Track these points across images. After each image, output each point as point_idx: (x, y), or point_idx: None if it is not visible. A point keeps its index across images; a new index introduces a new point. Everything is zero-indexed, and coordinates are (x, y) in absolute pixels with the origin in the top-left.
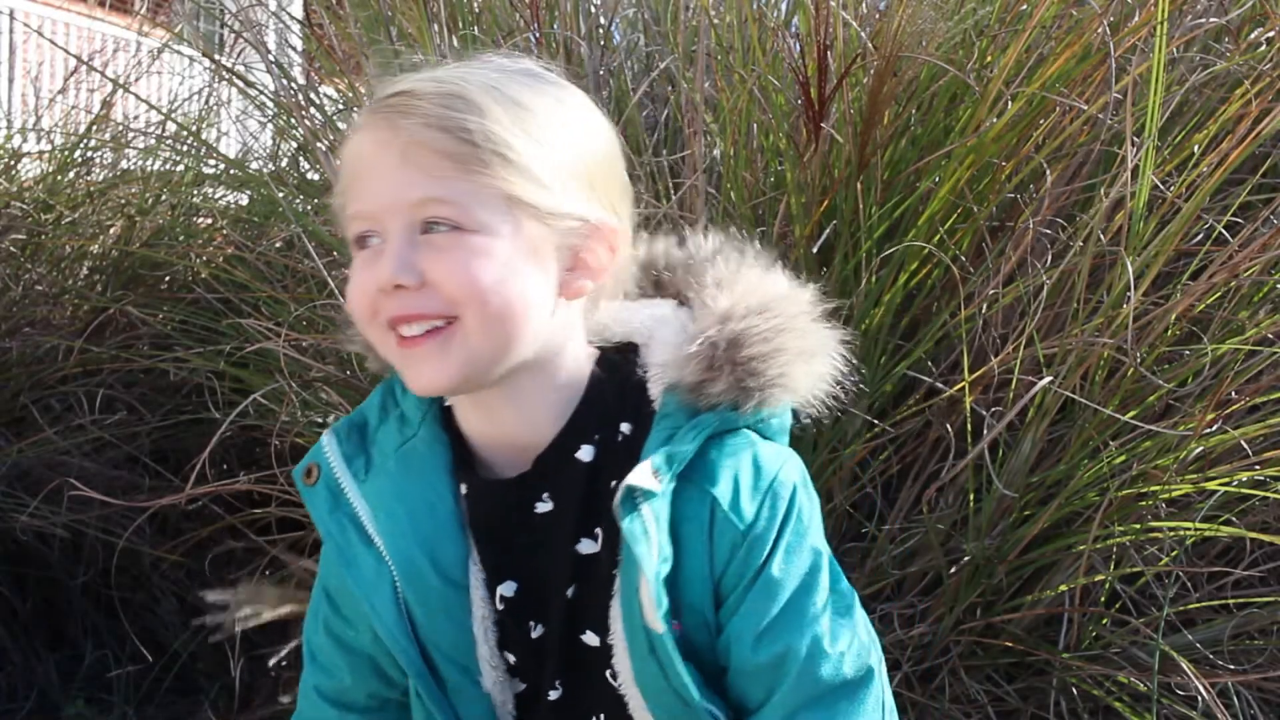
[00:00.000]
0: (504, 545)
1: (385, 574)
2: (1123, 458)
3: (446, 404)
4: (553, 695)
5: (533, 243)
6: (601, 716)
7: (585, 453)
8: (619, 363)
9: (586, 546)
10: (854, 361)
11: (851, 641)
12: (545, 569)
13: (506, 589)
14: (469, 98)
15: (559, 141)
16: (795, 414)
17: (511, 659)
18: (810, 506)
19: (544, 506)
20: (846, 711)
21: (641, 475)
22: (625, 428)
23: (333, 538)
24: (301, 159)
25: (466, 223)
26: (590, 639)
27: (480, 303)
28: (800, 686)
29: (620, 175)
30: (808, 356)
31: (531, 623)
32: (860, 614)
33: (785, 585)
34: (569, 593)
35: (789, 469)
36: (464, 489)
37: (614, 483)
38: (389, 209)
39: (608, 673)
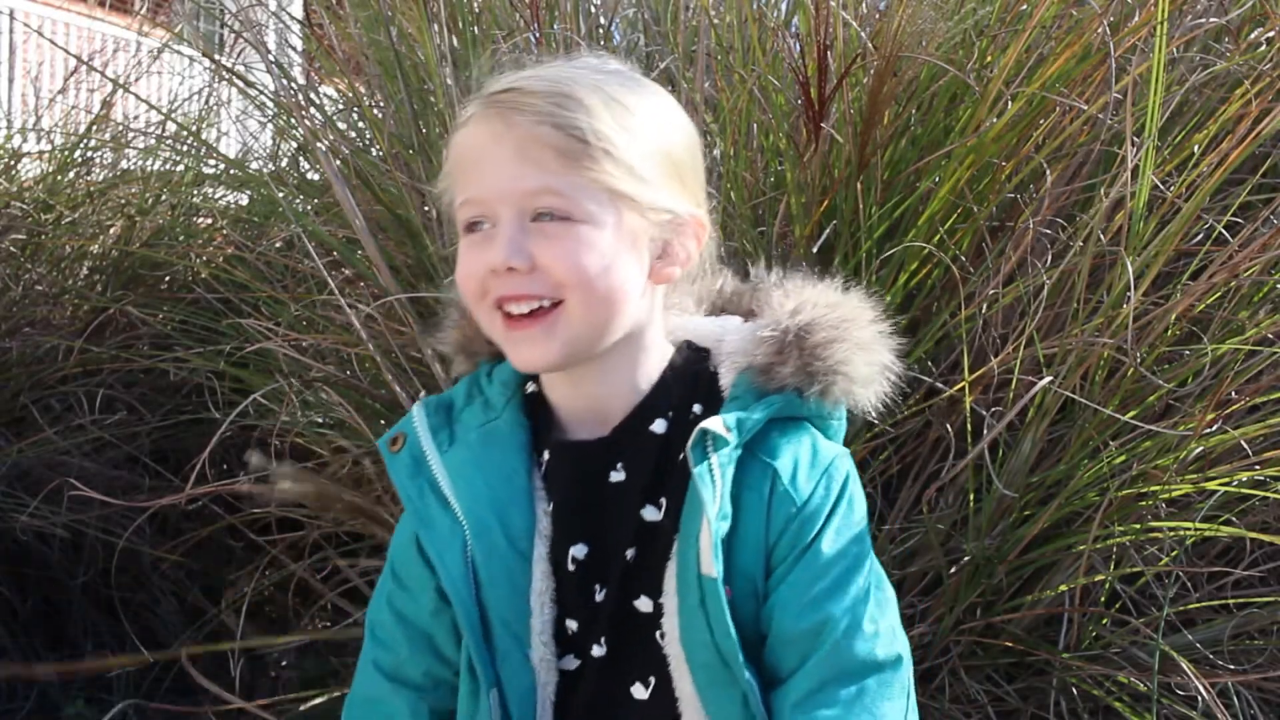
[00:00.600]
0: (578, 507)
1: (458, 533)
2: (1123, 458)
3: (529, 391)
4: (597, 651)
5: (632, 233)
6: (651, 680)
7: (659, 425)
8: (693, 356)
9: (650, 513)
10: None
11: (887, 627)
12: (612, 532)
13: (579, 550)
14: (578, 97)
15: (655, 139)
16: (850, 415)
17: (573, 626)
18: (860, 498)
19: (617, 476)
20: (874, 691)
21: (715, 423)
22: (697, 408)
23: (411, 501)
24: (301, 159)
25: (575, 213)
26: (643, 604)
27: (586, 288)
28: (833, 658)
29: (701, 170)
30: (867, 348)
31: (596, 586)
32: (896, 609)
33: (833, 561)
34: (628, 555)
35: (844, 460)
36: (546, 455)
37: (683, 455)
38: (503, 197)
39: (657, 633)
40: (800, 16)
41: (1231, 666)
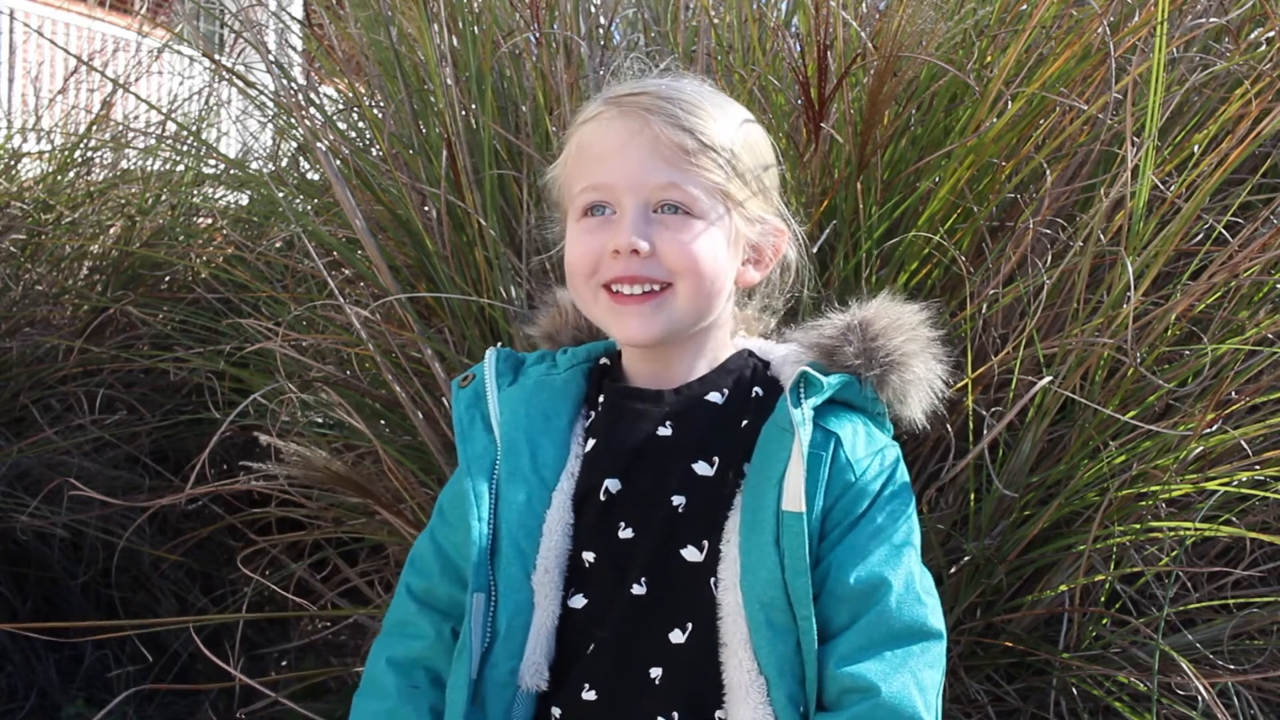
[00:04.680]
0: (621, 446)
1: (491, 450)
2: (1123, 458)
3: (601, 364)
4: (637, 590)
5: (735, 234)
6: (689, 625)
7: (715, 396)
8: (753, 360)
9: (702, 469)
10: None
11: (934, 601)
12: (653, 477)
13: (613, 484)
14: (705, 108)
15: (759, 154)
16: (897, 424)
17: (590, 558)
18: (908, 484)
19: (665, 432)
20: (918, 655)
21: (814, 372)
22: (758, 390)
23: (460, 423)
24: (301, 159)
25: (693, 208)
26: (691, 554)
27: (695, 276)
28: (884, 619)
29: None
30: (923, 341)
31: (622, 523)
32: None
33: (888, 531)
34: (675, 502)
35: (894, 448)
36: (602, 398)
37: (744, 422)
38: (632, 187)
39: (711, 580)
40: (800, 16)
41: (1231, 666)
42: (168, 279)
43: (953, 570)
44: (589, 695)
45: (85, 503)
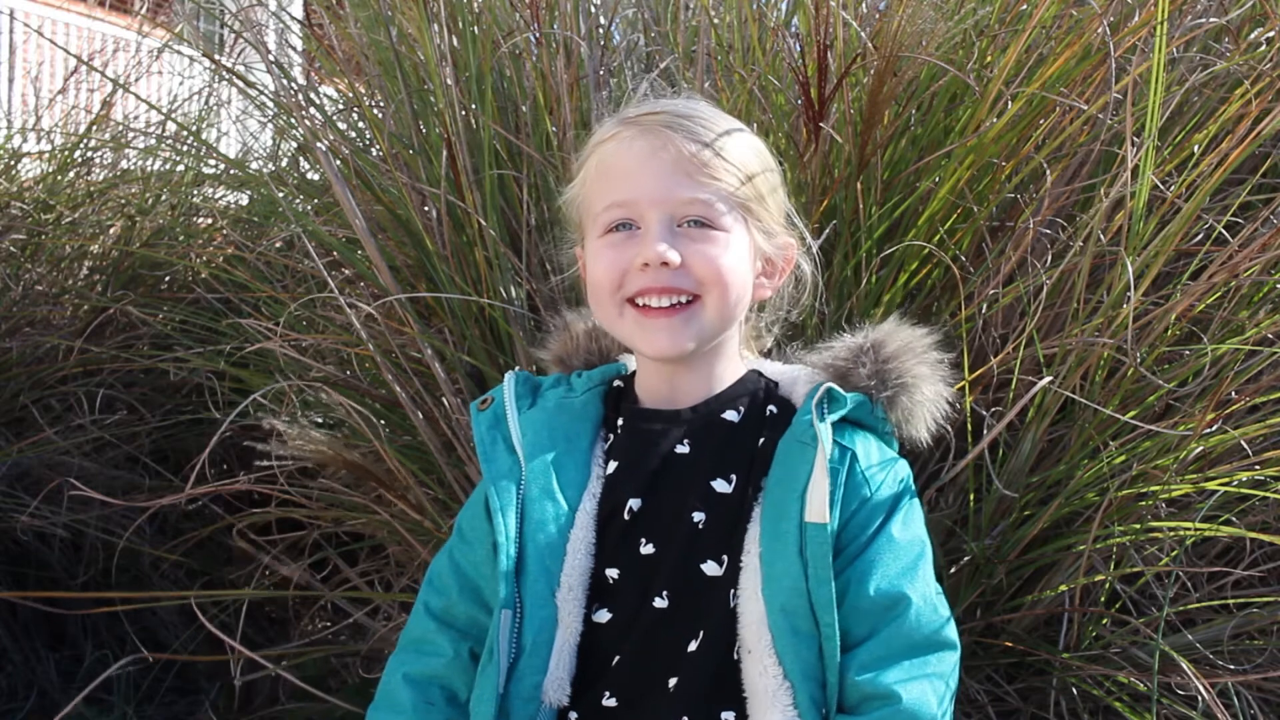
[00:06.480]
0: (641, 466)
1: (516, 469)
2: (1123, 458)
3: (615, 385)
4: (659, 604)
5: (752, 246)
6: (701, 633)
7: (730, 414)
8: (764, 380)
9: (721, 486)
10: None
11: (948, 614)
12: (672, 495)
13: (635, 503)
14: (723, 125)
15: (771, 172)
16: (901, 442)
17: (614, 575)
18: (918, 499)
19: (682, 449)
20: (936, 667)
21: (835, 390)
22: (772, 408)
23: (483, 443)
24: (301, 159)
25: (716, 222)
26: (711, 569)
27: (722, 287)
28: (903, 631)
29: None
30: (931, 363)
31: (643, 539)
32: None
33: (906, 547)
34: (696, 518)
35: (904, 464)
36: (620, 422)
37: (760, 440)
38: (657, 202)
39: (731, 591)
40: (800, 16)
41: (1231, 666)
42: (168, 279)
43: (953, 570)
44: (609, 702)
45: (85, 503)
